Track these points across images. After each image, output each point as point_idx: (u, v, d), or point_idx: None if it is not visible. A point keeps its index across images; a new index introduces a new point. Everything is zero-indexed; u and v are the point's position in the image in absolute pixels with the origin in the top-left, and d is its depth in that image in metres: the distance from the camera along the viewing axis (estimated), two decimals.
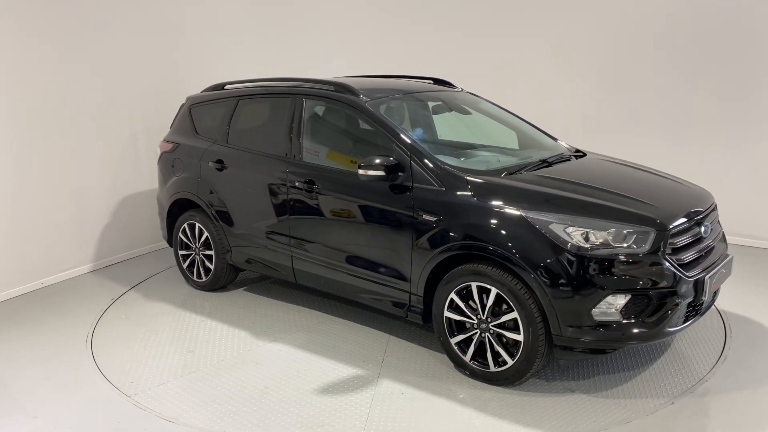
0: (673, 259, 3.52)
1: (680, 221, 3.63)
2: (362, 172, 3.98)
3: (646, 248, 3.45)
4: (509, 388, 3.75)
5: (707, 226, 3.85)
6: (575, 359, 3.96)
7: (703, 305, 3.75)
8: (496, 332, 3.70)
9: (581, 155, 4.69)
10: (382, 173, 3.96)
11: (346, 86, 4.58)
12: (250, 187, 4.94)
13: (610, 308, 3.42)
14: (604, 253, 3.42)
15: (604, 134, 6.83)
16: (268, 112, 5.09)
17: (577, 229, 3.48)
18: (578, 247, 3.44)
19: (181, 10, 6.79)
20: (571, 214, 3.56)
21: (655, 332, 3.49)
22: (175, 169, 5.55)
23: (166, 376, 4.07)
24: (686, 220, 3.68)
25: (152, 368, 4.19)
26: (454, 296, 3.81)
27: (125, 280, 5.88)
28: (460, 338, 3.85)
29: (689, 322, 3.68)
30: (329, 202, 4.44)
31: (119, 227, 6.45)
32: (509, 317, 3.61)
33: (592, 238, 3.46)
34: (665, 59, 6.45)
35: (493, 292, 3.64)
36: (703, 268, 3.68)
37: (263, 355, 4.31)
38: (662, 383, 3.78)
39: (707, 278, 3.62)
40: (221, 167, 5.12)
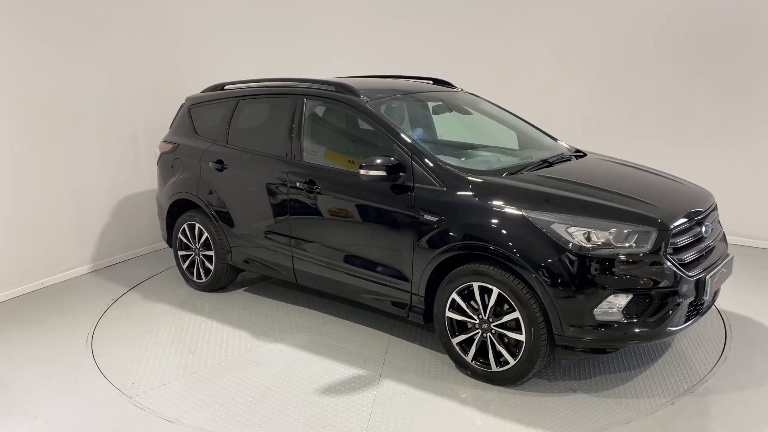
0: (674, 258, 3.52)
1: (681, 221, 3.64)
2: (363, 172, 3.98)
3: (647, 248, 3.46)
4: (511, 387, 3.75)
5: (708, 225, 3.86)
6: (577, 359, 3.96)
7: (704, 305, 3.76)
8: (497, 332, 3.70)
9: (581, 155, 4.69)
10: (383, 173, 3.96)
11: (346, 86, 4.58)
12: (250, 187, 4.93)
13: (611, 308, 3.42)
14: (605, 252, 3.42)
15: (604, 134, 6.84)
16: (268, 112, 5.08)
17: (578, 228, 3.48)
18: (580, 246, 3.44)
19: (181, 10, 6.78)
20: (572, 213, 3.56)
21: (656, 332, 3.49)
22: (174, 169, 5.54)
23: (167, 376, 4.07)
24: (687, 219, 3.69)
25: (153, 369, 4.18)
26: (455, 296, 3.81)
27: (125, 280, 5.87)
28: (461, 338, 3.85)
29: (690, 321, 3.69)
30: (330, 202, 4.43)
31: (119, 227, 6.44)
32: (511, 317, 3.61)
33: (593, 237, 3.46)
34: (665, 59, 6.46)
35: (494, 292, 3.64)
36: (704, 267, 3.69)
37: (264, 355, 4.30)
38: (663, 383, 3.78)
39: (708, 278, 3.63)
40: (221, 167, 5.12)
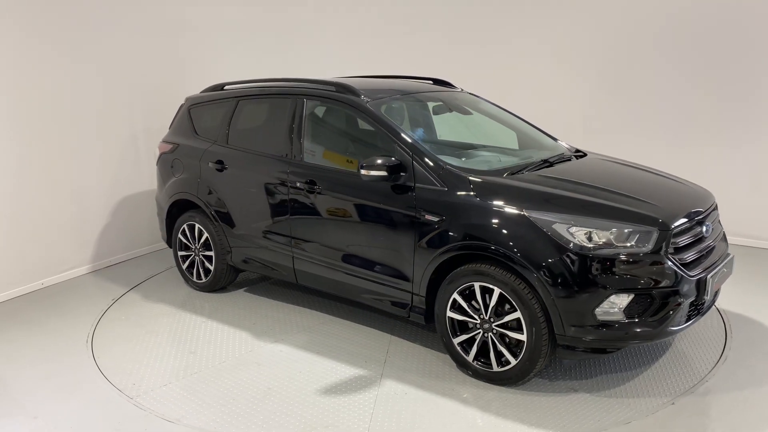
0: (675, 258, 3.53)
1: (682, 221, 3.64)
2: (364, 172, 3.97)
3: (648, 248, 3.46)
4: (512, 387, 3.75)
5: (708, 225, 3.87)
6: (578, 358, 3.97)
7: (704, 305, 3.76)
8: (499, 332, 3.70)
9: (581, 155, 4.69)
10: (384, 173, 3.95)
11: (347, 86, 4.58)
12: (250, 187, 4.92)
13: (613, 308, 3.42)
14: (607, 252, 3.43)
15: (604, 134, 6.84)
16: (268, 112, 5.08)
17: (580, 228, 3.49)
18: (581, 246, 3.44)
19: (181, 10, 6.78)
20: (573, 213, 3.57)
21: (657, 331, 3.49)
22: (174, 169, 5.54)
23: (168, 377, 4.06)
24: (688, 219, 3.69)
25: (154, 369, 4.17)
26: (456, 296, 3.81)
27: (125, 280, 5.86)
28: (462, 338, 3.85)
29: (691, 321, 3.69)
30: (330, 202, 4.43)
31: (119, 227, 6.43)
32: (512, 317, 3.61)
33: (595, 237, 3.46)
34: (665, 59, 6.46)
35: (496, 292, 3.64)
36: (704, 267, 3.69)
37: (265, 356, 4.30)
38: (663, 383, 3.78)
39: (709, 277, 3.63)
40: (221, 168, 5.11)
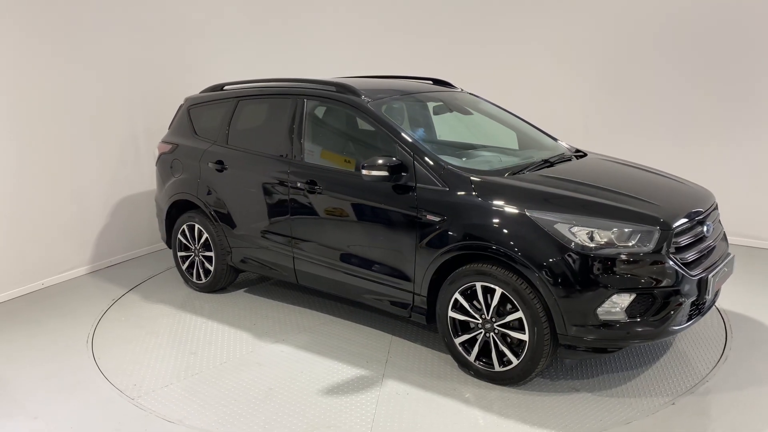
0: (676, 258, 3.53)
1: (683, 220, 3.65)
2: (365, 172, 3.97)
3: (650, 247, 3.46)
4: (514, 387, 3.76)
5: (709, 225, 3.87)
6: (579, 358, 3.97)
7: (705, 304, 3.77)
8: (500, 332, 3.70)
9: (582, 155, 4.70)
10: (385, 173, 3.95)
11: (347, 87, 4.57)
12: (250, 188, 4.92)
13: (614, 307, 3.43)
14: (608, 252, 3.43)
15: (604, 134, 6.84)
16: (268, 112, 5.07)
17: (581, 228, 3.49)
18: (583, 246, 3.45)
19: (181, 10, 6.77)
20: (575, 213, 3.57)
21: (659, 331, 3.50)
22: (173, 170, 5.53)
23: (169, 378, 4.05)
24: (689, 219, 3.70)
25: (155, 370, 4.16)
26: (458, 296, 3.81)
27: (125, 281, 5.85)
28: (464, 338, 3.85)
29: (692, 321, 3.70)
30: (331, 202, 4.42)
31: (119, 228, 6.43)
32: (514, 317, 3.61)
33: (596, 237, 3.47)
34: (665, 59, 6.46)
35: (497, 291, 3.64)
36: (705, 267, 3.70)
37: (266, 356, 4.29)
38: (664, 383, 3.79)
39: (710, 277, 3.64)
40: (221, 168, 5.10)
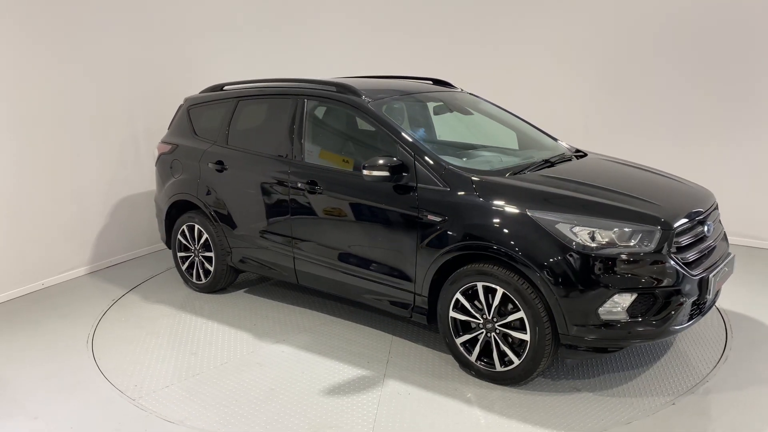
0: (677, 257, 3.54)
1: (684, 220, 3.65)
2: (366, 172, 3.97)
3: (651, 247, 3.47)
4: (515, 387, 3.76)
5: (710, 225, 3.88)
6: (580, 358, 3.97)
7: (706, 304, 3.78)
8: (501, 332, 3.70)
9: (582, 155, 4.70)
10: (386, 174, 3.95)
11: (348, 87, 4.57)
12: (250, 188, 4.91)
13: (616, 307, 3.43)
14: (610, 252, 3.43)
15: (604, 134, 6.84)
16: (268, 112, 5.06)
17: (583, 228, 3.49)
18: (585, 246, 3.45)
19: (181, 10, 6.77)
20: (576, 213, 3.57)
21: (660, 331, 3.50)
22: (173, 170, 5.52)
23: (170, 378, 4.05)
24: (690, 219, 3.71)
25: (155, 371, 4.16)
26: (459, 296, 3.81)
27: (125, 281, 5.85)
28: (465, 338, 3.85)
29: (693, 320, 3.70)
30: (332, 202, 4.42)
31: (119, 228, 6.42)
32: (515, 317, 3.61)
33: (598, 237, 3.47)
34: (665, 59, 6.46)
35: (499, 291, 3.64)
36: (706, 266, 3.70)
37: (267, 356, 4.29)
38: (664, 383, 3.79)
39: (711, 277, 3.64)
40: (221, 168, 5.10)
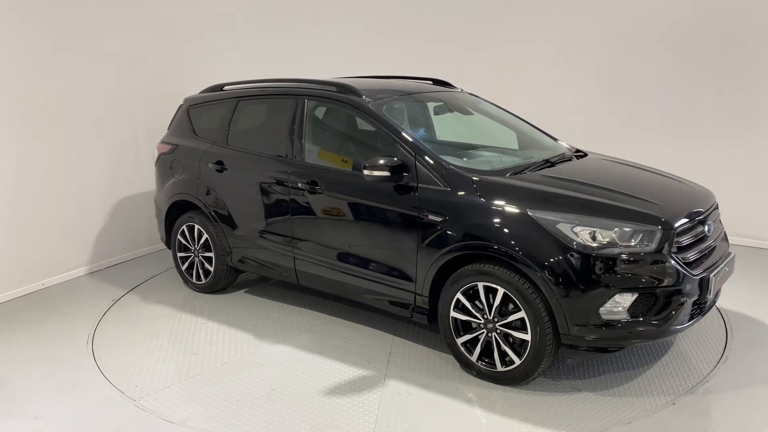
0: (678, 257, 3.54)
1: (685, 220, 3.66)
2: (367, 172, 3.97)
3: (652, 247, 3.47)
4: (516, 387, 3.76)
5: (710, 224, 3.88)
6: (581, 358, 3.97)
7: (707, 304, 3.78)
8: (502, 332, 3.70)
9: (582, 155, 4.70)
10: (387, 174, 3.95)
11: (348, 87, 4.57)
12: (251, 188, 4.91)
13: (617, 307, 3.43)
14: (611, 252, 3.44)
15: (604, 134, 6.83)
16: (269, 113, 5.05)
17: (584, 228, 3.49)
18: (586, 246, 3.45)
19: (181, 10, 6.77)
20: (577, 213, 3.57)
21: (661, 330, 3.50)
22: (173, 170, 5.51)
23: (170, 379, 4.04)
24: (690, 219, 3.71)
25: (156, 371, 4.15)
26: (460, 296, 3.81)
27: (125, 281, 5.84)
28: (466, 338, 3.85)
29: (694, 320, 3.70)
30: (332, 202, 4.42)
31: (119, 228, 6.42)
32: (516, 317, 3.61)
33: (599, 237, 3.47)
34: (665, 59, 6.45)
35: (500, 291, 3.64)
36: (707, 266, 3.71)
37: (267, 357, 4.29)
38: (664, 383, 3.79)
39: (712, 276, 3.64)
40: (221, 168, 5.09)
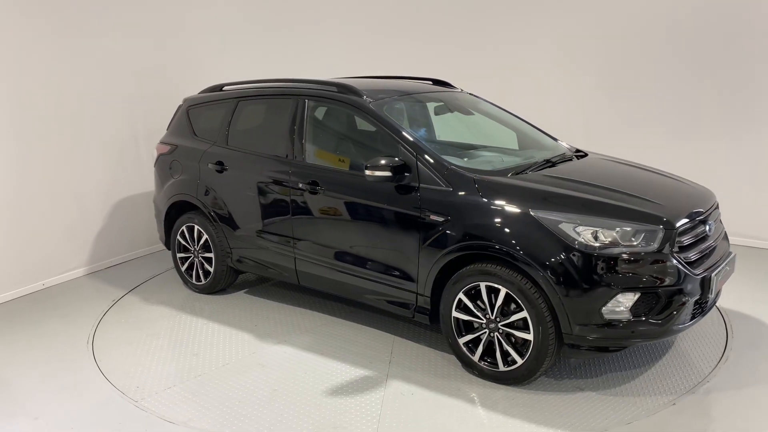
0: (680, 257, 3.55)
1: (686, 220, 3.66)
2: (369, 173, 3.96)
3: (654, 246, 3.48)
4: (519, 387, 3.76)
5: (711, 224, 3.89)
6: (583, 357, 3.97)
7: (708, 303, 3.78)
8: (505, 332, 3.70)
9: (582, 155, 4.71)
10: (388, 174, 3.95)
11: (349, 87, 4.57)
12: (251, 188, 4.90)
13: (619, 306, 3.43)
14: (613, 251, 3.44)
15: (605, 134, 6.84)
16: (269, 113, 5.05)
17: (586, 228, 3.49)
18: (588, 245, 3.45)
19: (181, 11, 6.77)
20: (579, 213, 3.58)
21: (663, 330, 3.51)
22: (172, 171, 5.50)
23: (172, 380, 4.04)
24: (691, 218, 3.72)
25: (157, 372, 4.15)
26: (462, 296, 3.81)
27: (125, 282, 5.83)
28: (468, 338, 3.85)
29: (695, 320, 3.71)
30: (333, 203, 4.41)
31: (119, 229, 6.42)
32: (519, 316, 3.62)
33: (601, 236, 3.47)
34: (666, 59, 6.45)
35: (502, 291, 3.64)
36: (708, 266, 3.71)
37: (269, 357, 4.28)
38: (665, 382, 3.79)
39: (713, 276, 3.65)
40: (221, 169, 5.09)
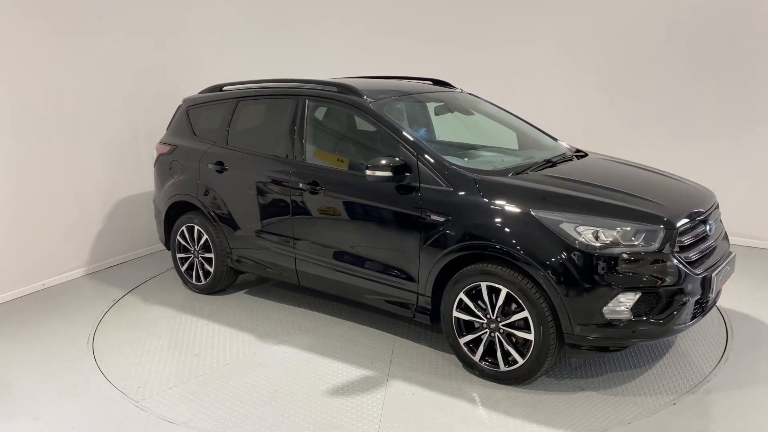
0: (680, 257, 3.55)
1: (687, 219, 3.67)
2: (369, 173, 3.97)
3: (655, 246, 3.48)
4: (520, 386, 3.76)
5: (711, 224, 3.89)
6: (584, 357, 3.98)
7: (708, 303, 3.79)
8: (506, 331, 3.71)
9: (582, 155, 4.71)
10: (389, 174, 3.95)
11: (349, 87, 4.57)
12: (251, 189, 4.90)
13: (620, 306, 3.44)
14: (614, 251, 3.44)
15: (604, 134, 6.84)
16: (269, 113, 5.04)
17: (587, 227, 3.50)
18: (589, 245, 3.45)
19: (181, 11, 6.77)
20: (580, 212, 3.58)
21: (663, 330, 3.51)
22: (172, 171, 5.50)
23: (172, 380, 4.03)
24: (692, 218, 3.72)
25: (157, 372, 4.14)
26: (463, 296, 3.81)
27: (125, 282, 5.83)
28: (469, 338, 3.86)
29: (696, 319, 3.72)
30: (334, 203, 4.41)
31: (119, 229, 6.42)
32: (520, 316, 3.62)
33: (602, 236, 3.48)
34: (666, 59, 6.45)
35: (503, 291, 3.64)
36: (708, 265, 3.72)
37: (269, 357, 4.28)
38: (665, 382, 3.79)
39: (714, 276, 3.66)
40: (221, 169, 5.08)
